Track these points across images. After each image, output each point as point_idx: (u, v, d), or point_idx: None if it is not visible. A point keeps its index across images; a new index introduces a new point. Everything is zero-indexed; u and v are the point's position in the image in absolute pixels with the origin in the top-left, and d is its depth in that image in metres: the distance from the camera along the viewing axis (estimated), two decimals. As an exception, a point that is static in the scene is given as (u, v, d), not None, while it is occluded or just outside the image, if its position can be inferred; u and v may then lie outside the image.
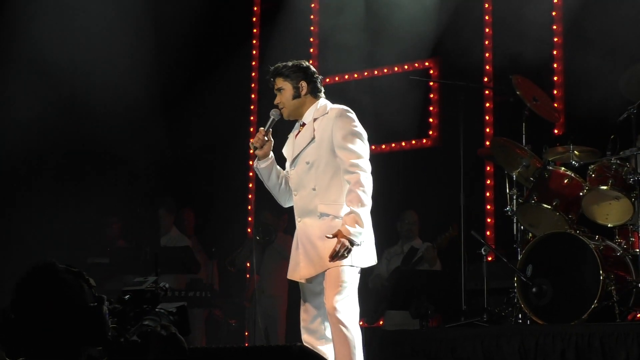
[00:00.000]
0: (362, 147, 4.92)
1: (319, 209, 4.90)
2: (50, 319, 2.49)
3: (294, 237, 5.12)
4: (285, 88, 5.08)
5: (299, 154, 5.02)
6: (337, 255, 4.71)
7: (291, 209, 5.19)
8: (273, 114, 5.10)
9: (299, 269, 4.98)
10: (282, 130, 5.31)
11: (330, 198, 4.90)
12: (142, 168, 10.12)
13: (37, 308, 2.50)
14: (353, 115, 5.00)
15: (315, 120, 5.02)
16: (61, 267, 2.57)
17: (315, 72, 5.19)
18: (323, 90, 5.20)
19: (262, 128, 5.08)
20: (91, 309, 2.54)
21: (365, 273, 8.40)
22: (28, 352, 2.52)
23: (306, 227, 4.95)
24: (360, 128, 4.97)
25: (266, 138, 5.05)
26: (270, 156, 5.09)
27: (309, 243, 4.92)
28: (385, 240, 8.76)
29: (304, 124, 5.10)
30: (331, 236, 4.74)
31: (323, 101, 5.13)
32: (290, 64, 5.12)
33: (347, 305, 4.83)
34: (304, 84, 5.08)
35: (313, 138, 4.97)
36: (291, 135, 5.19)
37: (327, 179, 4.92)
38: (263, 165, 5.07)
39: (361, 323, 8.47)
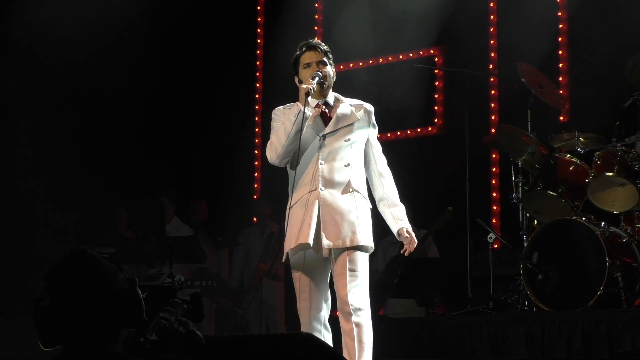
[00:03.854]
0: None
1: (353, 185, 4.99)
2: (88, 304, 2.52)
3: (304, 205, 4.99)
4: (328, 64, 5.14)
5: (341, 128, 5.06)
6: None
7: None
8: (317, 74, 5.04)
9: (321, 236, 4.90)
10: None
11: (360, 178, 5.06)
12: (147, 158, 10.14)
13: (75, 294, 2.52)
14: None
15: (351, 105, 5.14)
16: (93, 252, 2.60)
17: None
18: None
19: (310, 79, 5.02)
20: (126, 291, 2.57)
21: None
22: (65, 339, 2.54)
23: (332, 197, 4.96)
24: None
25: (314, 86, 5.01)
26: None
27: (337, 214, 4.93)
28: (382, 231, 8.77)
29: (326, 103, 5.10)
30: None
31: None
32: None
33: (364, 295, 4.86)
34: (334, 70, 5.22)
35: (358, 120, 5.09)
36: (301, 110, 5.01)
37: (359, 159, 5.09)
38: (308, 114, 4.98)
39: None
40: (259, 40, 10.89)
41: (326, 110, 5.09)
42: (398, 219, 5.14)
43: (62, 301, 2.53)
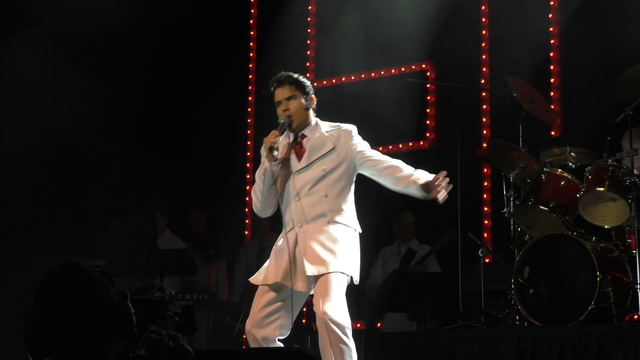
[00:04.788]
0: None
1: (330, 215, 4.95)
2: (78, 317, 2.51)
3: (282, 243, 5.06)
4: (296, 97, 5.10)
5: (315, 161, 5.04)
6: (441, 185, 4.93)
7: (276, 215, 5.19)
8: (284, 119, 5.08)
9: (300, 271, 4.92)
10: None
11: (341, 206, 5.00)
12: (138, 170, 10.13)
13: (65, 307, 2.52)
14: None
15: (327, 132, 5.10)
16: (85, 265, 2.59)
17: None
18: None
19: (275, 130, 5.03)
20: (117, 305, 2.56)
21: (361, 281, 8.48)
22: (55, 352, 2.53)
23: (310, 231, 4.95)
24: None
25: (279, 139, 5.04)
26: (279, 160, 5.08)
27: (315, 244, 4.90)
28: (383, 241, 8.79)
29: (303, 136, 5.10)
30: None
31: (317, 119, 5.20)
32: (301, 76, 5.18)
33: (341, 311, 4.80)
34: (312, 98, 5.17)
35: (333, 148, 5.05)
36: (283, 144, 5.13)
37: (339, 188, 5.03)
38: (275, 168, 5.03)
39: (359, 326, 8.54)
40: (251, 54, 10.90)
41: (300, 142, 5.10)
42: (415, 178, 5.03)
43: (52, 314, 2.52)
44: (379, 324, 8.53)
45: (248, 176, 10.48)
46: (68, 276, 2.56)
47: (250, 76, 10.86)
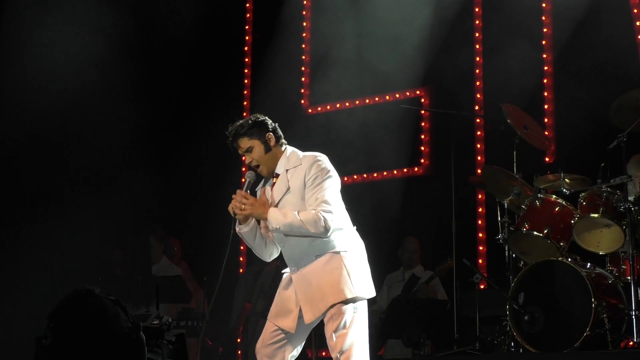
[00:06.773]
0: (331, 190, 4.86)
1: (314, 249, 4.85)
2: (89, 345, 2.50)
3: (283, 283, 5.01)
4: (254, 146, 5.00)
5: (279, 201, 4.93)
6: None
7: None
8: (249, 176, 5.03)
9: (296, 315, 4.88)
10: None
11: (319, 239, 4.84)
12: (133, 196, 10.12)
13: (76, 334, 2.51)
14: (325, 160, 4.95)
15: (288, 170, 4.95)
16: (99, 294, 2.59)
17: (272, 122, 5.08)
18: (282, 136, 5.09)
19: (239, 190, 4.96)
20: (129, 334, 2.56)
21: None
22: None
23: (305, 273, 4.88)
24: (332, 171, 4.92)
25: (245, 199, 4.93)
26: (250, 218, 4.97)
27: (308, 287, 4.84)
28: (389, 266, 8.79)
29: (277, 175, 5.01)
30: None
31: (290, 149, 5.06)
32: (248, 121, 5.03)
33: (355, 349, 4.75)
34: (270, 135, 5.00)
35: (288, 188, 4.90)
36: (266, 189, 5.09)
37: None
38: (245, 230, 4.97)
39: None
40: (246, 80, 10.92)
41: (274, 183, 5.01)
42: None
43: (63, 340, 2.52)
44: (381, 351, 8.49)
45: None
46: (80, 303, 2.56)
47: (245, 102, 10.87)
